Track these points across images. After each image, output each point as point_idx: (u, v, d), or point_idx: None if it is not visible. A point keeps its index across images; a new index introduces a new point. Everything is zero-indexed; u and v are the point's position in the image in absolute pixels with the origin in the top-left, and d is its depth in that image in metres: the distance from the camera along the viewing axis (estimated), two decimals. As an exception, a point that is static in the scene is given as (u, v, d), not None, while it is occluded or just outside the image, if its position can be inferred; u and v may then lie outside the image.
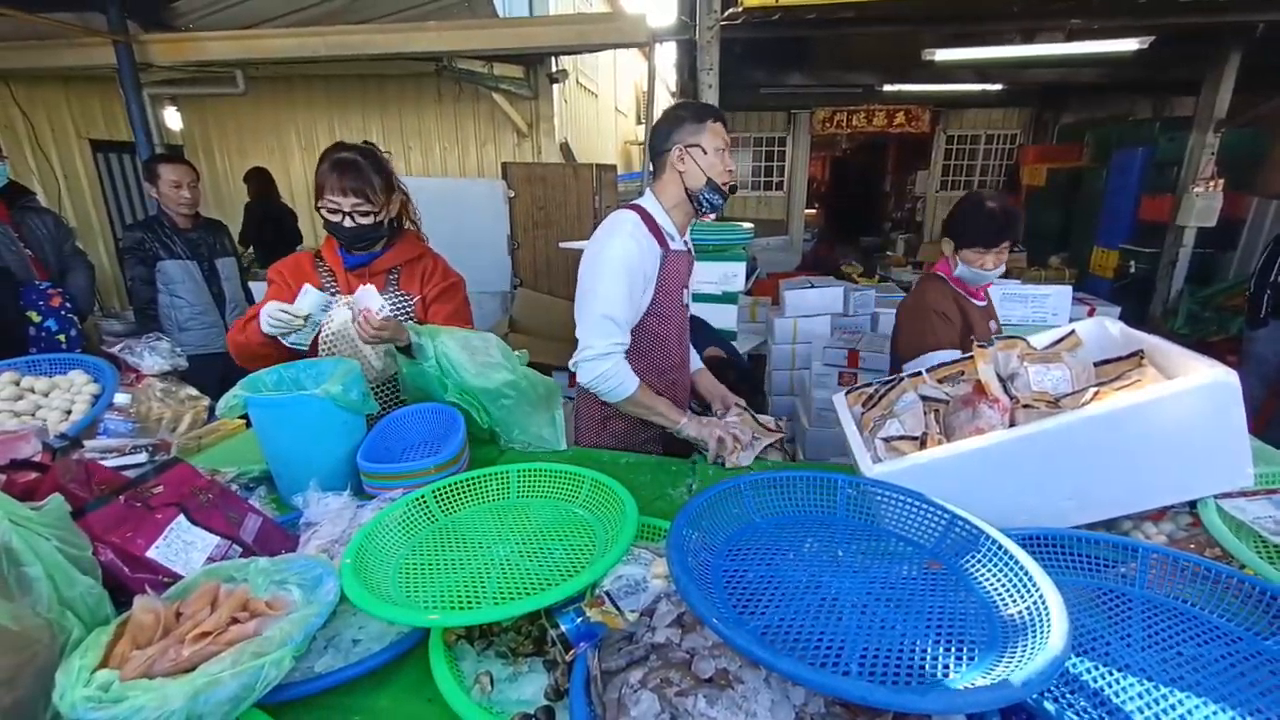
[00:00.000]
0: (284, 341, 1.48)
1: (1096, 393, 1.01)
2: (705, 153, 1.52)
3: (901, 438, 1.11)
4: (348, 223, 1.52)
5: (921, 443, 1.08)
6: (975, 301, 2.00)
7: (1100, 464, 0.97)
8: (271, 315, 1.42)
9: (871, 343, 3.22)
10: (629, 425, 1.67)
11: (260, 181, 4.99)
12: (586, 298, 1.50)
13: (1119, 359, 1.11)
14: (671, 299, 1.63)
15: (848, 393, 1.38)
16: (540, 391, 1.56)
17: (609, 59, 8.97)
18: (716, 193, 1.56)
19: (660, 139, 1.55)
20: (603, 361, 1.46)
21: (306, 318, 1.44)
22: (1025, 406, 1.04)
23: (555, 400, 1.59)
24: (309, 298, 1.44)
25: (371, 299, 1.43)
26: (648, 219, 1.54)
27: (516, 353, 1.56)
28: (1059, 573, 0.92)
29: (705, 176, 1.53)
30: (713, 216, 1.99)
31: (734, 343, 3.07)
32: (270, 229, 4.88)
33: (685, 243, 1.69)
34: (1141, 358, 1.07)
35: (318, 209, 1.54)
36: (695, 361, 1.90)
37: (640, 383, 1.51)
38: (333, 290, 1.61)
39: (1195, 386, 0.92)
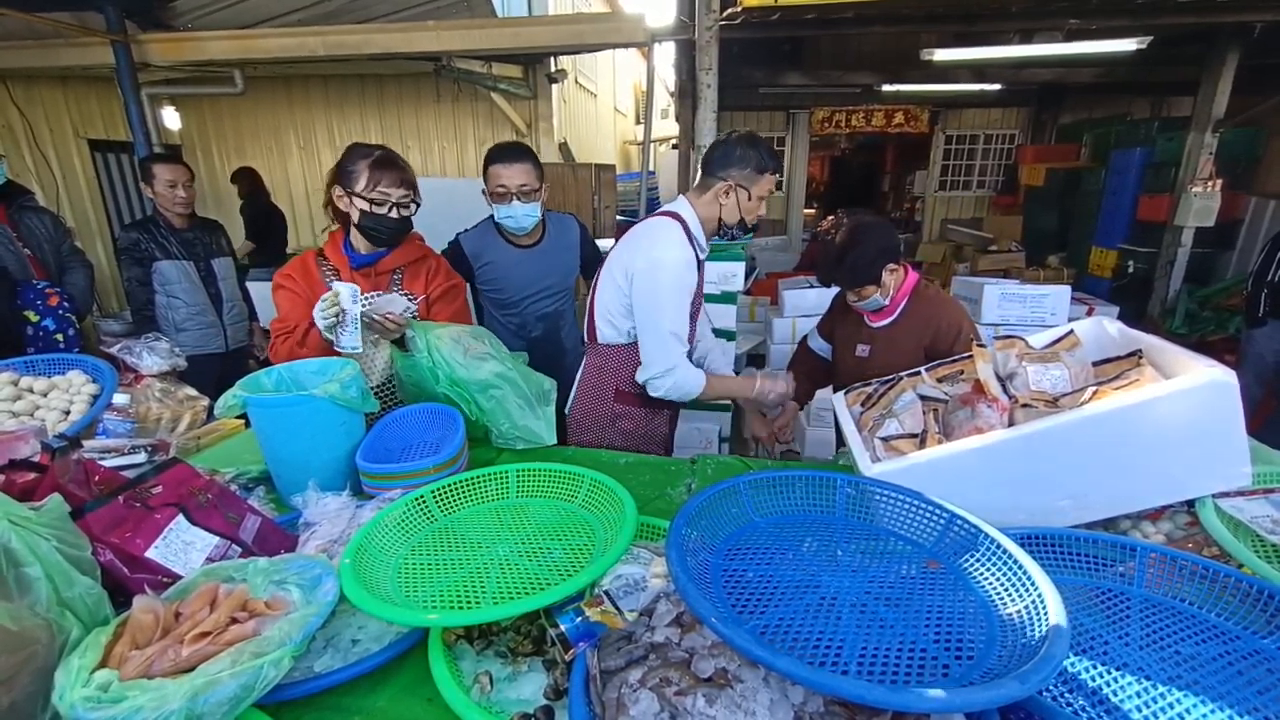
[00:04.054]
0: (336, 346, 1.50)
1: (1095, 392, 1.01)
2: (750, 199, 1.60)
3: (900, 436, 1.11)
4: (394, 214, 1.54)
5: (921, 442, 1.08)
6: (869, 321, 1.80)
7: (1098, 463, 0.97)
8: (320, 313, 1.43)
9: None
10: (636, 424, 1.74)
11: (250, 181, 4.93)
12: (651, 315, 1.57)
13: (1117, 359, 1.11)
14: (697, 304, 1.73)
15: (846, 392, 1.39)
16: (533, 388, 1.57)
17: (608, 59, 8.98)
18: (743, 231, 1.68)
19: (719, 162, 1.59)
20: (672, 374, 1.58)
21: (340, 311, 1.44)
22: (1024, 406, 1.04)
23: (549, 397, 1.60)
24: (344, 291, 1.45)
25: (396, 304, 1.47)
26: (685, 228, 1.60)
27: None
28: (1058, 572, 0.92)
29: (740, 216, 1.62)
30: None
31: (733, 342, 3.07)
32: (263, 228, 4.84)
33: (706, 249, 1.76)
34: (1140, 357, 1.08)
35: (349, 202, 1.53)
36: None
37: (705, 374, 1.64)
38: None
39: (1193, 386, 0.92)
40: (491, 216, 2.18)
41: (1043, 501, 1.01)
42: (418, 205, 1.60)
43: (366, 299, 1.47)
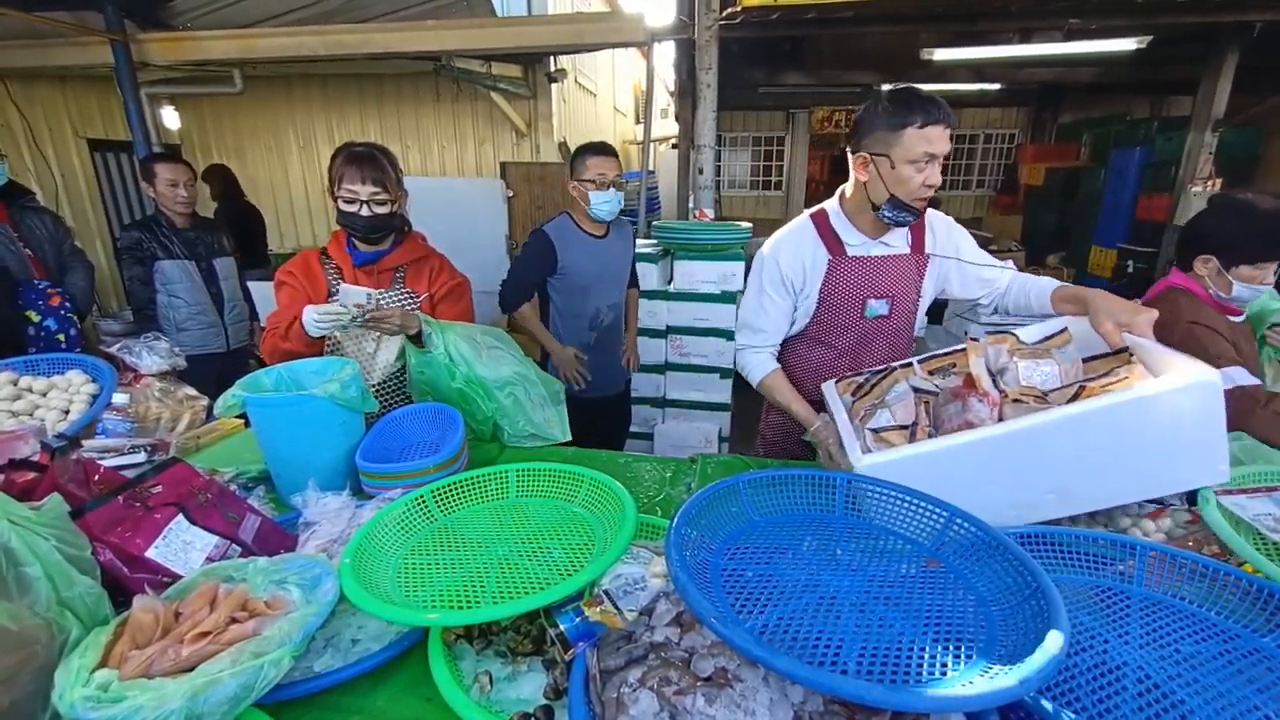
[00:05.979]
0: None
1: (1083, 389, 1.01)
2: (893, 166, 1.28)
3: (891, 428, 1.11)
4: (365, 212, 1.54)
5: (911, 434, 1.08)
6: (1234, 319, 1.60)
7: (1084, 459, 0.97)
8: (318, 318, 1.43)
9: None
10: (778, 425, 1.74)
11: (223, 180, 4.62)
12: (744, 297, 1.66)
13: (1107, 355, 1.12)
14: (838, 310, 1.49)
15: (837, 381, 1.39)
16: (546, 388, 1.60)
17: (608, 58, 8.97)
18: (903, 210, 1.33)
19: (853, 136, 1.35)
20: (739, 355, 1.63)
21: (352, 314, 1.45)
22: (1014, 401, 1.05)
23: (559, 397, 1.63)
24: (350, 294, 1.48)
25: (356, 295, 1.46)
26: (820, 222, 1.47)
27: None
28: (1058, 570, 0.92)
29: (889, 192, 1.31)
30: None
31: (732, 342, 3.07)
32: (239, 230, 4.59)
33: (887, 243, 1.47)
34: (1130, 355, 1.08)
35: (334, 201, 1.57)
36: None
37: (771, 372, 1.56)
38: (339, 288, 1.62)
39: (1180, 386, 0.92)
40: (566, 213, 2.38)
41: (1028, 495, 1.01)
42: (396, 204, 1.59)
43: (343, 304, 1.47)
